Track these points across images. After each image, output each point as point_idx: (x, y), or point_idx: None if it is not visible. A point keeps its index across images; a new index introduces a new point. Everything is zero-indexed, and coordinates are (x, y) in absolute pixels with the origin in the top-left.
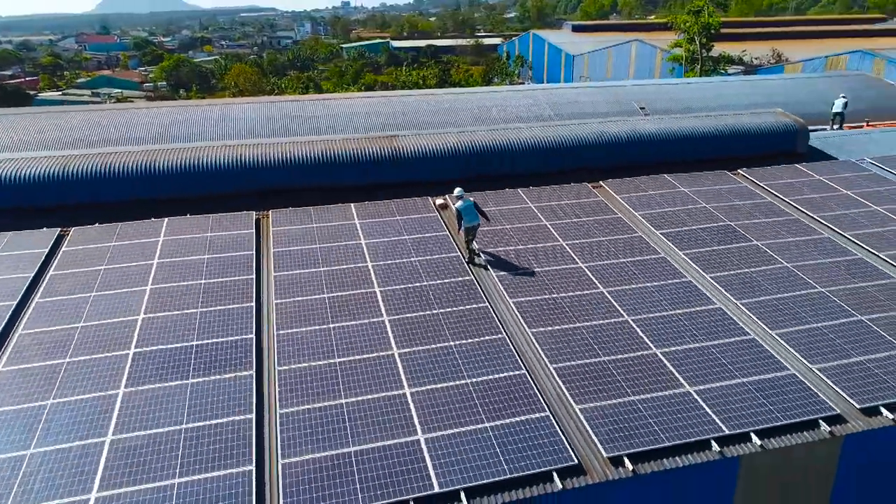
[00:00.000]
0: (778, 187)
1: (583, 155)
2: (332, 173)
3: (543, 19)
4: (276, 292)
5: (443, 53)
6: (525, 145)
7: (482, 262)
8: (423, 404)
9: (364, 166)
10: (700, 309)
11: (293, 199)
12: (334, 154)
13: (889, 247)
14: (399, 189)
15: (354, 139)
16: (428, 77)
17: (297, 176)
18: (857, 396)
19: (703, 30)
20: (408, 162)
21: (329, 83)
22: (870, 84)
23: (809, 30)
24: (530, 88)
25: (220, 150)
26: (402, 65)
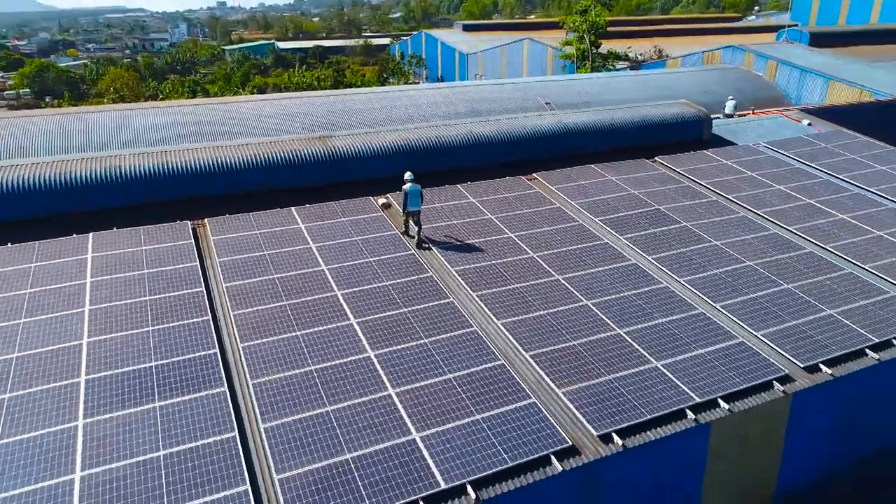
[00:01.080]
0: (693, 172)
1: (516, 148)
2: (266, 177)
3: (428, 19)
4: (232, 303)
5: (332, 54)
6: (461, 141)
7: (428, 246)
8: (410, 403)
9: (299, 168)
10: (650, 289)
11: (226, 206)
12: (267, 157)
13: (796, 221)
14: (335, 190)
15: (287, 141)
16: (323, 78)
17: (230, 182)
18: (799, 357)
19: (592, 28)
20: (344, 162)
21: (215, 87)
22: (746, 77)
23: (682, 27)
24: (440, 87)
25: (144, 157)
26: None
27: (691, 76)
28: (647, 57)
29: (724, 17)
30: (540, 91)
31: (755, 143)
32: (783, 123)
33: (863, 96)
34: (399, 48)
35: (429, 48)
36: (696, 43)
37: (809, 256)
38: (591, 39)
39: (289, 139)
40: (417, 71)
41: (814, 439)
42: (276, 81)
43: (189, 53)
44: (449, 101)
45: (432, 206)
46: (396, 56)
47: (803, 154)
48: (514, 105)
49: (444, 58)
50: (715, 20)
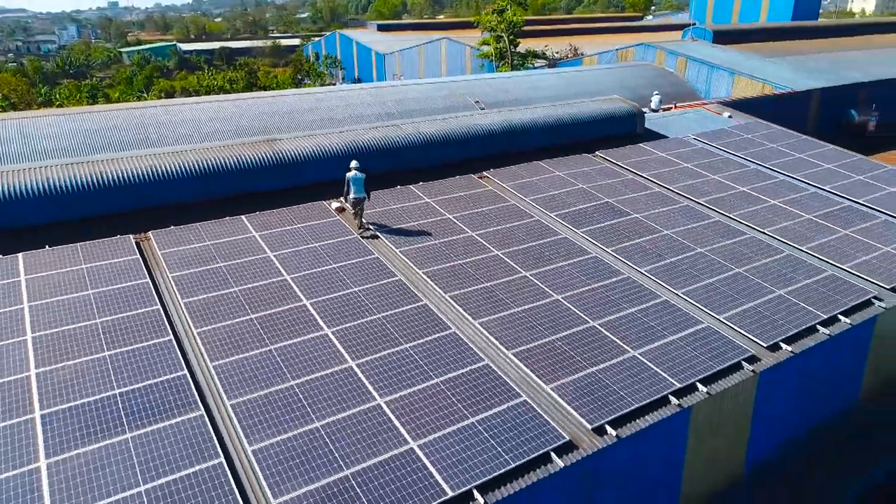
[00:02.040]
0: (634, 165)
1: (464, 147)
2: (209, 185)
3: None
4: (194, 321)
5: (239, 56)
6: (410, 141)
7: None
8: (402, 412)
9: (245, 174)
10: (614, 280)
11: (168, 217)
12: (211, 164)
13: (735, 208)
14: (284, 195)
15: (230, 146)
16: (235, 81)
17: (170, 191)
18: (761, 337)
19: (510, 28)
20: (291, 166)
21: (116, 90)
22: (660, 73)
23: (594, 26)
24: (369, 87)
25: (72, 168)
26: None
27: (610, 73)
28: (563, 55)
29: (628, 17)
30: (468, 90)
31: (685, 135)
32: (706, 116)
33: (765, 89)
34: (312, 49)
35: (344, 49)
36: (607, 41)
37: (752, 241)
38: (510, 39)
39: (232, 144)
40: (333, 71)
41: (776, 412)
42: (184, 85)
43: (82, 56)
44: (379, 101)
45: (389, 208)
46: (311, 57)
47: (730, 145)
48: (445, 104)
49: (360, 58)
50: (621, 19)
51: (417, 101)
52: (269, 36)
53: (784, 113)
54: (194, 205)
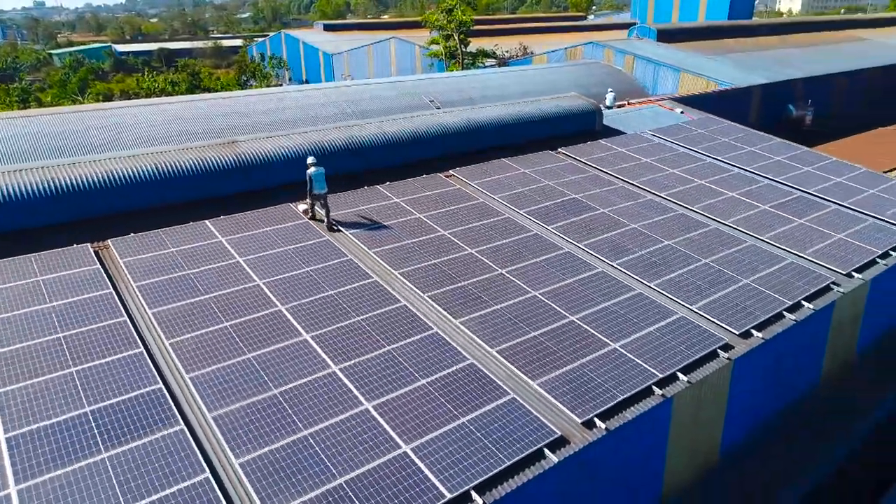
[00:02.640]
0: (596, 161)
1: (428, 146)
2: (169, 189)
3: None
4: (165, 331)
5: (179, 57)
6: (374, 141)
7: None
8: (391, 415)
9: (206, 178)
10: (588, 275)
11: (126, 224)
12: (170, 167)
13: (695, 201)
14: (246, 199)
15: (189, 149)
16: (177, 83)
17: (128, 197)
18: (733, 325)
19: (460, 27)
20: (254, 168)
21: (48, 94)
22: (609, 71)
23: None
24: (322, 87)
25: (20, 175)
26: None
27: (561, 71)
28: (513, 54)
29: (573, 16)
30: (423, 89)
31: (642, 131)
32: (660, 112)
33: (709, 86)
34: (257, 49)
35: (290, 49)
36: (555, 40)
37: (715, 232)
38: (460, 38)
39: (191, 146)
40: (279, 72)
41: (749, 397)
42: (122, 87)
43: (8, 58)
44: (335, 101)
45: (359, 209)
46: (255, 58)
47: (685, 139)
48: (400, 104)
49: (307, 59)
50: (566, 19)
51: (373, 101)
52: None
53: (728, 108)
54: (154, 211)
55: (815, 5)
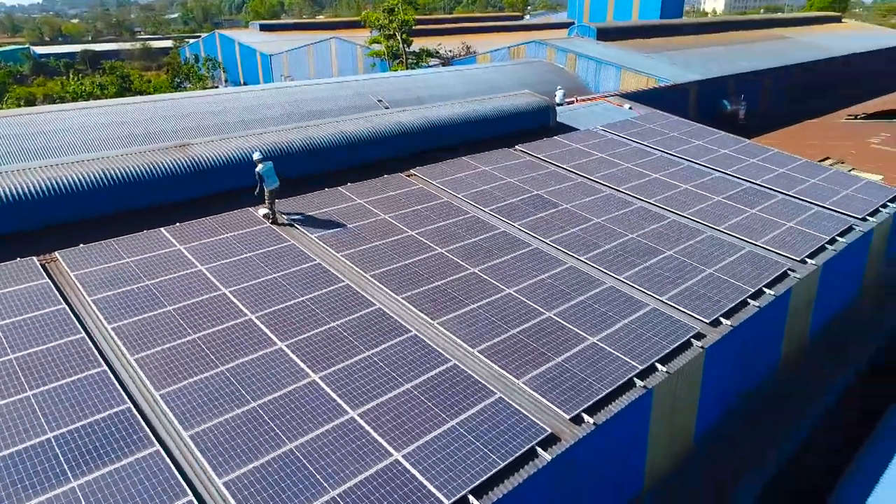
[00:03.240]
0: (554, 157)
1: (387, 146)
2: (119, 197)
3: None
4: (128, 347)
5: (105, 59)
6: (333, 141)
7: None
8: (378, 423)
9: (158, 183)
10: (559, 270)
11: (73, 235)
12: (119, 174)
13: (653, 194)
14: (201, 204)
15: (138, 153)
16: (106, 86)
17: (75, 206)
18: (703, 314)
19: (401, 26)
20: (209, 172)
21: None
22: (552, 69)
23: (481, 25)
24: (266, 88)
25: None
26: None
27: (507, 70)
28: (456, 53)
29: (511, 16)
30: (370, 89)
31: (594, 127)
32: (609, 108)
33: (650, 83)
34: (190, 51)
35: (225, 50)
36: (496, 39)
37: (675, 224)
38: (403, 37)
39: (140, 151)
40: (215, 74)
41: (719, 383)
42: (46, 91)
43: None
44: (279, 102)
45: (322, 211)
46: (189, 59)
47: (635, 134)
48: (348, 104)
49: (244, 60)
50: (505, 18)
51: (320, 101)
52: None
53: (668, 104)
54: (103, 220)
55: (737, 5)
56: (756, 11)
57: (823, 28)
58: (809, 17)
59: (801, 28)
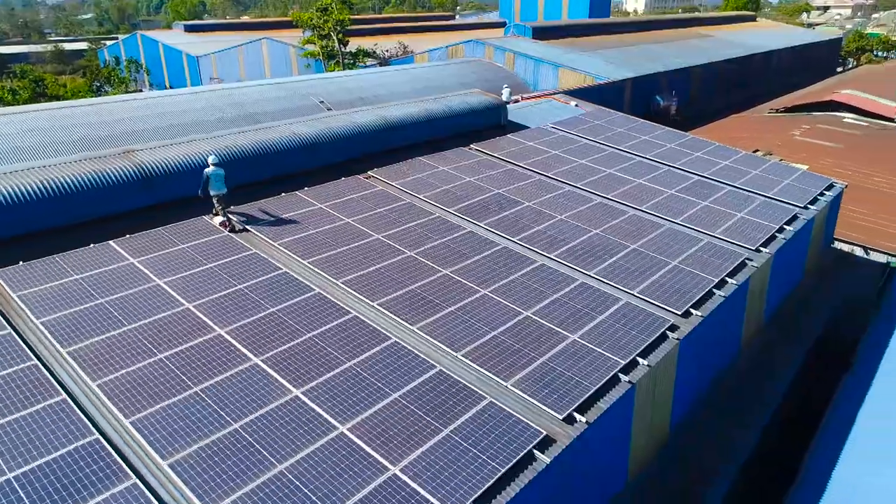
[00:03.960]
0: (510, 155)
1: (342, 147)
2: (59, 209)
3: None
4: (88, 372)
5: (12, 62)
6: (286, 144)
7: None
8: (370, 436)
9: (103, 193)
10: (530, 269)
11: (10, 251)
12: (59, 184)
13: (610, 189)
14: (150, 214)
15: (80, 162)
16: (19, 90)
17: (8, 221)
18: (674, 306)
19: (337, 26)
20: (157, 180)
21: None
22: (491, 68)
23: (414, 25)
24: (200, 91)
25: None
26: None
27: (447, 69)
28: (393, 53)
29: (443, 16)
30: (311, 89)
31: (544, 124)
32: (556, 106)
33: (586, 80)
34: (110, 53)
35: (148, 52)
36: (431, 38)
37: (635, 219)
38: (339, 37)
39: (81, 159)
40: (138, 77)
41: (690, 373)
42: None
43: None
44: (216, 105)
45: (283, 217)
46: (110, 61)
47: (585, 131)
48: (288, 105)
49: (169, 62)
50: (437, 18)
51: (259, 104)
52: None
53: (605, 101)
54: (44, 234)
55: (656, 5)
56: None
57: (741, 26)
58: (729, 16)
59: (721, 26)
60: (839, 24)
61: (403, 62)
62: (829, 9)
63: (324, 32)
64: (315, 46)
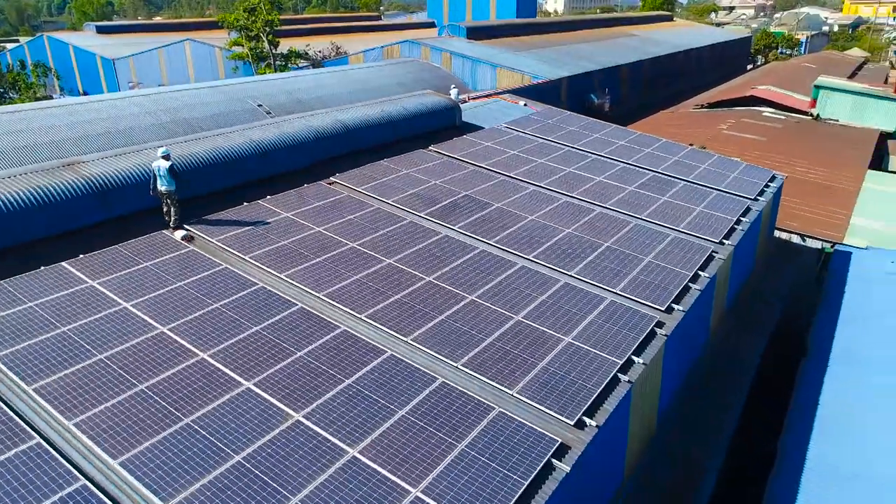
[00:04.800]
0: (470, 156)
1: (303, 152)
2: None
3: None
4: (62, 411)
5: None
6: (245, 151)
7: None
8: (384, 458)
9: (49, 210)
10: (511, 271)
11: None
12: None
13: (573, 188)
14: (102, 232)
15: (16, 177)
16: None
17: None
18: (657, 302)
19: (266, 26)
20: (109, 193)
21: None
22: (429, 68)
23: (343, 25)
24: (129, 95)
25: None
26: None
27: (385, 70)
28: (326, 54)
29: (369, 16)
30: (248, 93)
31: (497, 125)
32: (506, 106)
33: (524, 80)
34: (12, 56)
35: (57, 55)
36: (364, 39)
37: (603, 216)
38: (269, 38)
39: (19, 173)
40: (46, 82)
41: (673, 366)
42: None
43: None
44: (148, 110)
45: (249, 230)
46: (15, 66)
47: (538, 130)
48: (226, 109)
49: (82, 66)
50: (364, 18)
51: (194, 108)
52: None
53: (543, 99)
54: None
55: (574, 5)
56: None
57: (660, 26)
58: (649, 15)
59: (642, 26)
60: (745, 24)
61: (337, 63)
62: (734, 9)
63: (252, 33)
64: (243, 48)
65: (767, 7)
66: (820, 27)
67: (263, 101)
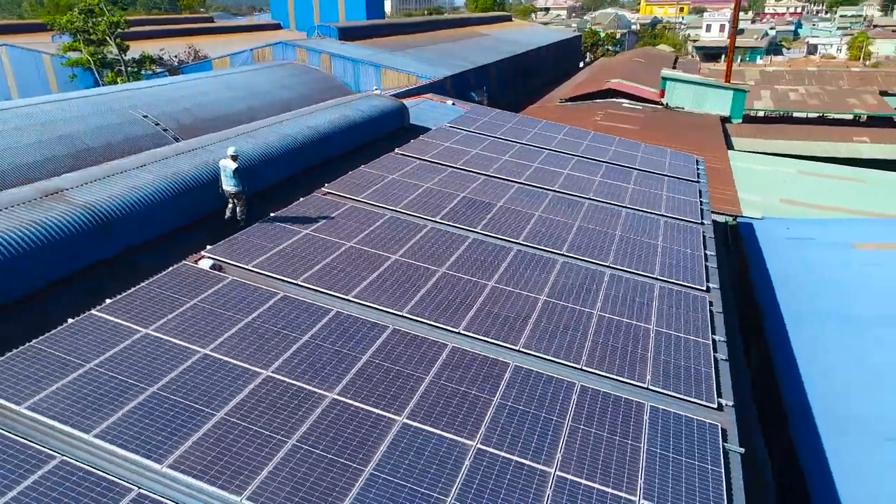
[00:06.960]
0: (439, 157)
1: (284, 164)
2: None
3: None
4: (227, 488)
5: None
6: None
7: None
8: (568, 463)
9: (50, 250)
10: (559, 268)
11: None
12: None
13: (551, 182)
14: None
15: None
16: None
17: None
18: (694, 283)
19: (111, 28)
20: (114, 225)
21: None
22: (309, 70)
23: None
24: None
25: None
26: None
27: (265, 74)
28: (184, 59)
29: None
30: (127, 102)
31: (442, 125)
32: (436, 106)
33: (410, 80)
34: None
35: None
36: (214, 41)
37: (595, 207)
38: (117, 42)
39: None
40: None
41: None
42: None
43: None
44: (17, 127)
45: (278, 251)
46: None
47: (482, 128)
48: (108, 122)
49: None
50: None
51: (71, 123)
52: None
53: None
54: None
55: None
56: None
57: (504, 26)
58: (494, 16)
59: (490, 26)
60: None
61: (198, 68)
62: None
63: (94, 37)
64: (82, 53)
65: (577, 8)
66: (629, 26)
67: (147, 112)
